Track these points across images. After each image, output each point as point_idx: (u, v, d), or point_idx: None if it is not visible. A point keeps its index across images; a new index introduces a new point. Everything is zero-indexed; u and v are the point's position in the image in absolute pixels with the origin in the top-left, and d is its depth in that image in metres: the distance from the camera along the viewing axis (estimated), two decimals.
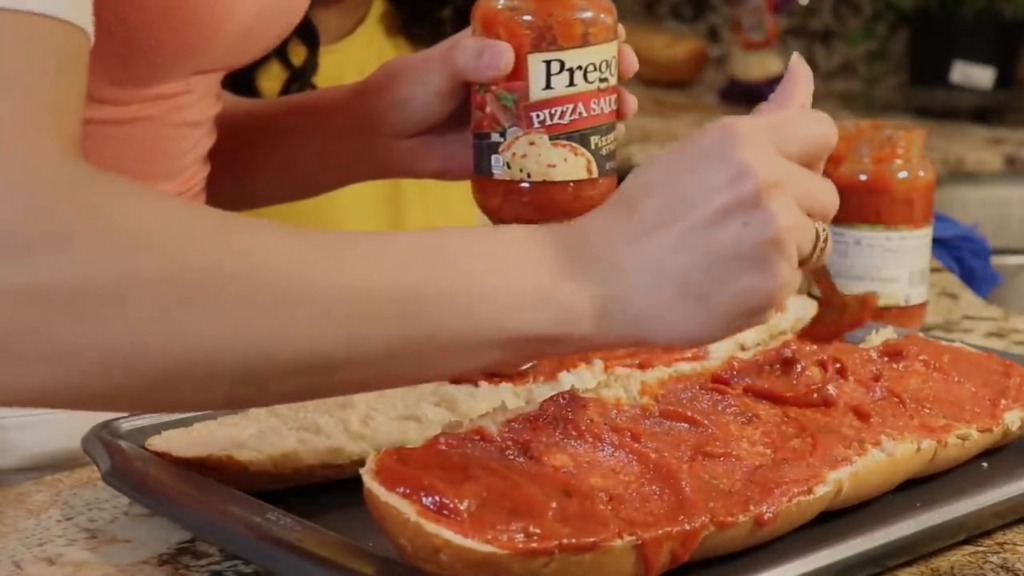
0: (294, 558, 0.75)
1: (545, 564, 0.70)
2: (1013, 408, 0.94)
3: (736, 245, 0.70)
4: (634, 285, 0.72)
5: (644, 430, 0.83)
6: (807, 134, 0.75)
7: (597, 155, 0.94)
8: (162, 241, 0.67)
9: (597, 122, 0.94)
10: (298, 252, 0.70)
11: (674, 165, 0.74)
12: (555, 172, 0.93)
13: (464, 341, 0.72)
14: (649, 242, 0.72)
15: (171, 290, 0.66)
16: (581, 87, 0.93)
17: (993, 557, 0.83)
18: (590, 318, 0.72)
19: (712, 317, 0.72)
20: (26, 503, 0.90)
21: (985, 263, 1.59)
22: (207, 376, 0.68)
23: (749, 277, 0.71)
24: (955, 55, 2.48)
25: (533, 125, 0.93)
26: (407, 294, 0.71)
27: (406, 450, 0.76)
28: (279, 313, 0.68)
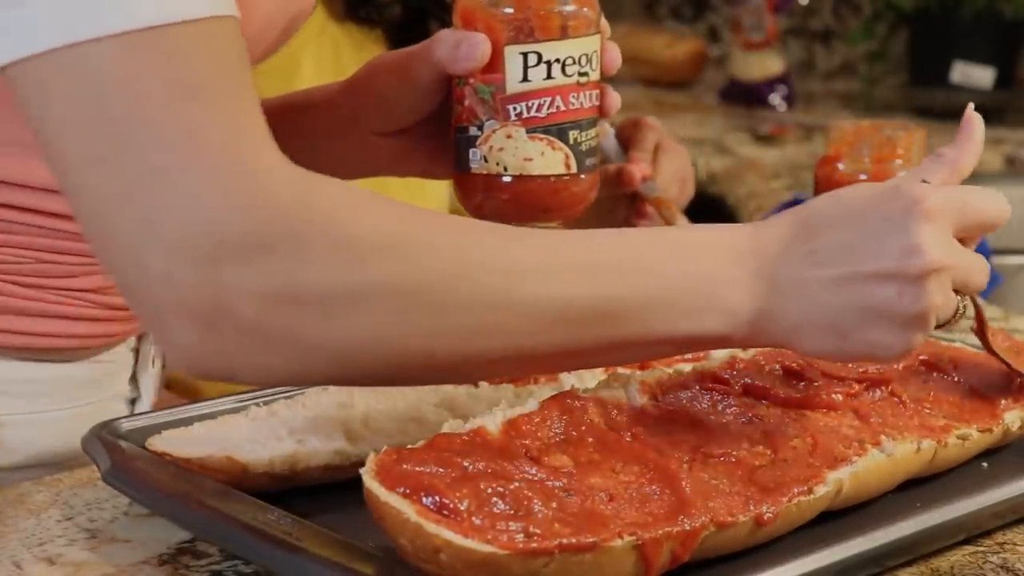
0: (294, 558, 0.75)
1: (545, 564, 0.70)
2: (1013, 408, 0.94)
3: (887, 307, 0.78)
4: (789, 306, 0.79)
5: (644, 430, 0.83)
6: (982, 215, 0.82)
7: (576, 150, 0.94)
8: (392, 247, 0.74)
9: (576, 116, 0.93)
10: (510, 258, 0.77)
11: (858, 211, 0.80)
12: (532, 166, 0.93)
13: (645, 341, 0.79)
14: (814, 273, 0.79)
15: (405, 294, 0.74)
16: (559, 80, 0.92)
17: (993, 557, 0.83)
18: (749, 326, 0.79)
19: (842, 351, 0.80)
20: (26, 503, 0.90)
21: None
22: (427, 367, 0.77)
23: (887, 335, 0.78)
24: (955, 55, 2.48)
25: (510, 118, 0.92)
26: (603, 303, 0.78)
27: (406, 450, 0.76)
28: (491, 316, 0.76)
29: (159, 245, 0.71)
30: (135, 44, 0.72)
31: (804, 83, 2.84)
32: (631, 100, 2.69)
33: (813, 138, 2.32)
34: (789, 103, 2.64)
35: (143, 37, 0.72)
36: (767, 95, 2.64)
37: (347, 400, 0.96)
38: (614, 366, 0.90)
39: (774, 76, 2.65)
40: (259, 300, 0.72)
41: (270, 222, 0.72)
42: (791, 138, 2.35)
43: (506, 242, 0.78)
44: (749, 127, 2.44)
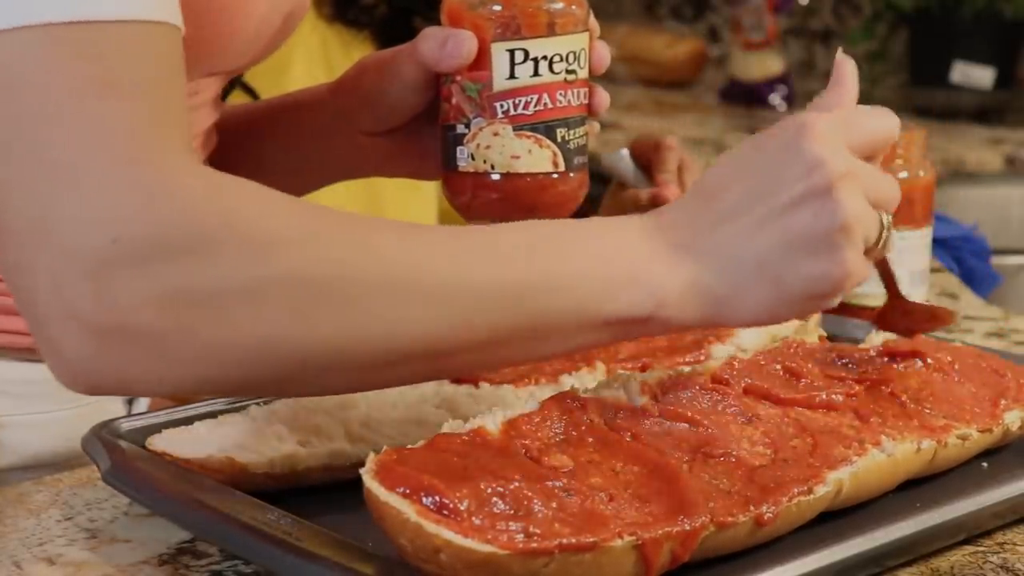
0: (294, 558, 0.75)
1: (545, 564, 0.70)
2: (1013, 408, 0.94)
3: (808, 232, 0.76)
4: (714, 269, 0.77)
5: (644, 430, 0.83)
6: (874, 129, 0.81)
7: (564, 148, 0.93)
8: (294, 243, 0.72)
9: (564, 114, 0.93)
10: (415, 248, 0.75)
11: (750, 158, 0.79)
12: (519, 164, 0.93)
13: (565, 325, 0.77)
14: (728, 228, 0.77)
15: (304, 288, 0.71)
16: (546, 78, 0.92)
17: (993, 557, 0.83)
18: (676, 300, 0.77)
19: (783, 299, 0.77)
20: (26, 503, 0.90)
21: (985, 263, 1.59)
22: (337, 365, 0.74)
23: (819, 263, 0.76)
24: (955, 55, 2.48)
25: (497, 115, 0.92)
26: (514, 284, 0.76)
27: (406, 450, 0.76)
28: (399, 306, 0.73)
29: (50, 244, 0.68)
30: (56, 37, 0.70)
31: (804, 83, 2.84)
32: (631, 100, 2.69)
33: None
34: (789, 103, 2.64)
35: (65, 31, 0.70)
36: (767, 95, 2.64)
37: (347, 401, 0.96)
38: (547, 359, 0.87)
39: (774, 76, 2.65)
40: (154, 305, 0.69)
41: (170, 224, 0.69)
42: None
43: (413, 233, 0.77)
44: (749, 127, 2.44)
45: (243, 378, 0.73)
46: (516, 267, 0.76)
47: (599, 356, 1.03)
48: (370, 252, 0.74)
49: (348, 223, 0.75)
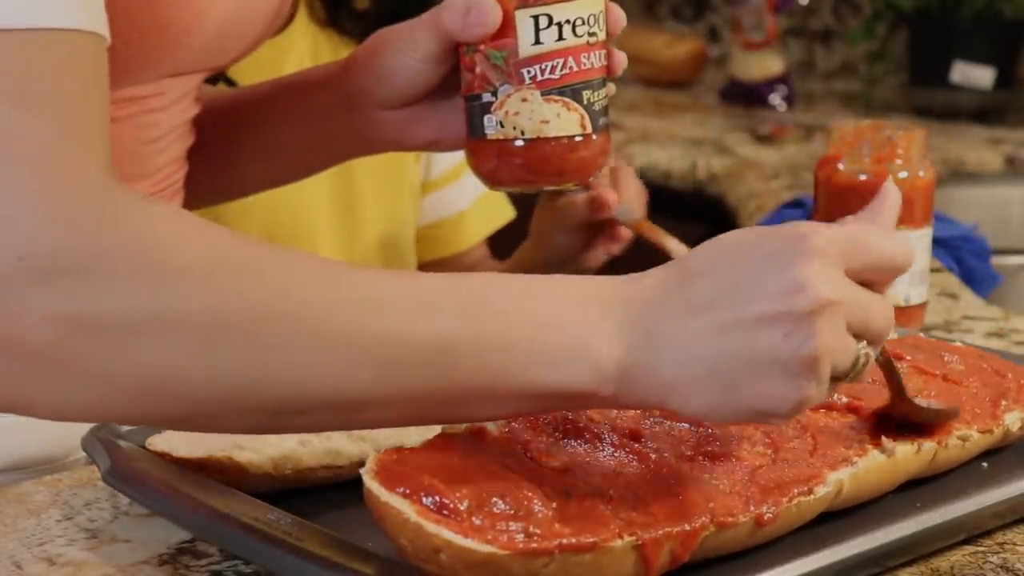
0: (294, 558, 0.75)
1: (545, 564, 0.70)
2: (1013, 409, 0.94)
3: (773, 352, 0.71)
4: (666, 358, 0.72)
5: (644, 430, 0.83)
6: (880, 254, 0.76)
7: (590, 110, 0.94)
8: (205, 276, 0.69)
9: (589, 76, 0.93)
10: (337, 293, 0.72)
11: (740, 253, 0.74)
12: (549, 128, 0.93)
13: (496, 392, 0.73)
14: (694, 322, 0.72)
15: (210, 326, 0.69)
16: (571, 41, 0.92)
17: (993, 557, 0.83)
18: (617, 381, 0.73)
19: (730, 407, 0.73)
20: (26, 503, 0.90)
21: (985, 263, 1.59)
22: (239, 408, 0.71)
23: (776, 384, 0.72)
24: (955, 55, 2.48)
25: (524, 81, 0.92)
26: (438, 343, 0.72)
27: (406, 450, 0.76)
28: (312, 353, 0.70)
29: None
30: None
31: (804, 83, 2.84)
32: (631, 100, 2.69)
33: (813, 138, 2.32)
34: (789, 103, 2.64)
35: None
36: (767, 95, 2.64)
37: None
38: (479, 421, 0.81)
39: (774, 76, 2.64)
40: (53, 324, 0.67)
41: (77, 241, 0.67)
42: (791, 138, 2.35)
43: (338, 275, 0.73)
44: (749, 127, 2.44)
45: (142, 412, 0.71)
46: (446, 325, 0.72)
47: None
48: (287, 294, 0.71)
49: (269, 259, 0.72)
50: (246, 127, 1.09)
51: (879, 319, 0.75)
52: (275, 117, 1.07)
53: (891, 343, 1.00)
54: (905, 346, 1.00)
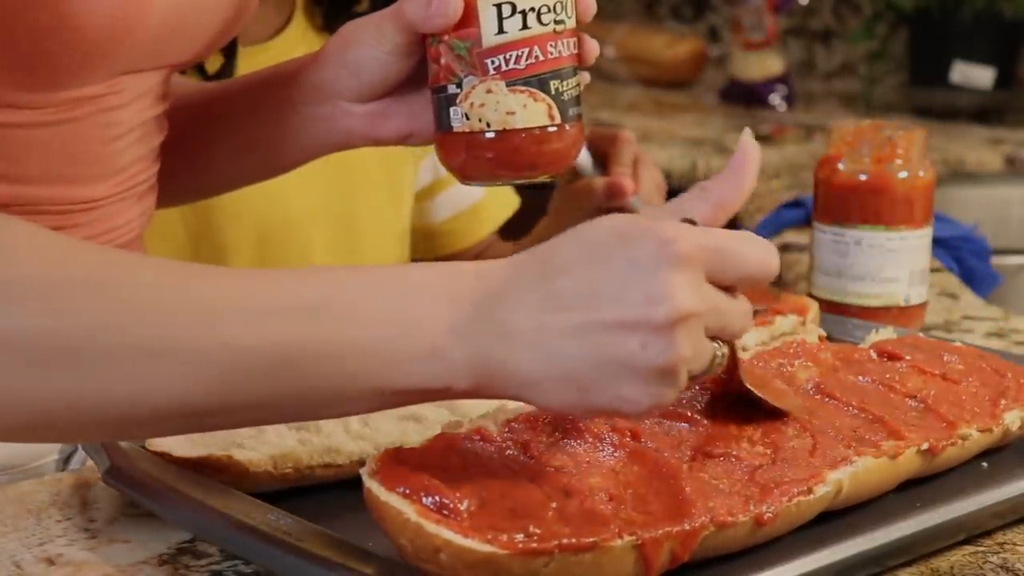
0: (294, 558, 0.75)
1: (545, 564, 0.70)
2: (1013, 408, 0.94)
3: (630, 359, 0.71)
4: (521, 356, 0.72)
5: (644, 430, 0.83)
6: (745, 264, 0.75)
7: (559, 100, 0.91)
8: (36, 294, 0.69)
9: (556, 66, 0.91)
10: (178, 303, 0.71)
11: (606, 254, 0.72)
12: (515, 119, 0.90)
13: (340, 395, 0.73)
14: (552, 319, 0.71)
15: (39, 344, 0.68)
16: (535, 30, 0.90)
17: (993, 557, 0.83)
18: (471, 377, 0.72)
19: (585, 406, 0.73)
20: (26, 503, 0.90)
21: (985, 263, 1.59)
22: (73, 424, 0.71)
23: (633, 390, 0.71)
24: (955, 55, 2.47)
25: (489, 72, 0.90)
26: (281, 351, 0.71)
27: (406, 450, 0.76)
28: (148, 366, 0.70)
29: None
30: None
31: (804, 83, 2.84)
32: (631, 100, 2.69)
33: (813, 138, 2.32)
34: (789, 103, 2.64)
35: None
36: (767, 95, 2.63)
37: None
38: (335, 418, 0.81)
39: (774, 76, 2.64)
40: None
41: None
42: (791, 138, 2.34)
43: (182, 282, 0.72)
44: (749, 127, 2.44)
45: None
46: (287, 333, 0.71)
47: None
48: (126, 306, 0.70)
49: (115, 270, 0.72)
50: (221, 121, 1.08)
51: (737, 323, 0.75)
52: (249, 111, 1.06)
53: (891, 343, 1.01)
54: (905, 346, 1.00)
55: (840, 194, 1.26)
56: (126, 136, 0.97)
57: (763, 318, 1.10)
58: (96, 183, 0.95)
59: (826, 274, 1.27)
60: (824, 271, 1.28)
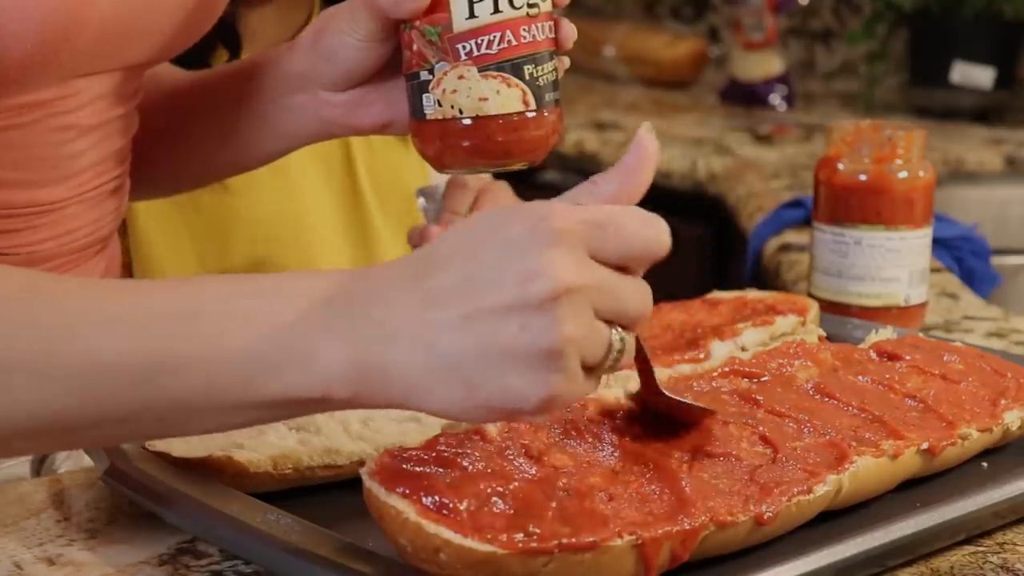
0: (294, 558, 0.75)
1: (545, 564, 0.70)
2: (1013, 408, 0.94)
3: (511, 344, 0.67)
4: (400, 356, 0.69)
5: (644, 430, 0.83)
6: (630, 239, 0.70)
7: (534, 86, 0.89)
8: None
9: (530, 50, 0.88)
10: (45, 317, 0.70)
11: (483, 240, 0.69)
12: (488, 105, 0.88)
13: (214, 405, 0.71)
14: (432, 314, 0.68)
15: None
16: (508, 14, 0.87)
17: (993, 557, 0.83)
18: (351, 382, 0.70)
19: (476, 404, 0.68)
20: (26, 503, 0.90)
21: (985, 263, 1.59)
22: None
23: (518, 379, 0.67)
24: (955, 55, 2.47)
25: (460, 57, 0.88)
26: (147, 361, 0.70)
27: (406, 450, 0.76)
28: (9, 380, 0.69)
29: None
30: None
31: (804, 83, 2.84)
32: (631, 100, 2.69)
33: (813, 138, 2.32)
34: (789, 103, 2.64)
35: None
36: (767, 95, 2.63)
37: None
38: (215, 432, 0.80)
39: (774, 76, 2.64)
40: None
41: None
42: (791, 138, 2.35)
43: (53, 296, 0.71)
44: (749, 127, 2.44)
45: None
46: (152, 344, 0.70)
47: None
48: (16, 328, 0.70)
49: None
50: (200, 113, 1.07)
51: (633, 303, 0.70)
52: (229, 101, 1.04)
53: (891, 343, 1.01)
54: (905, 346, 1.00)
55: (840, 194, 1.26)
56: (83, 138, 0.95)
57: (764, 318, 1.10)
58: (51, 186, 0.94)
59: (826, 274, 1.27)
60: (824, 271, 1.28)
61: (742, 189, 2.01)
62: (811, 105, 2.67)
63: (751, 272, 1.63)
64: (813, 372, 0.94)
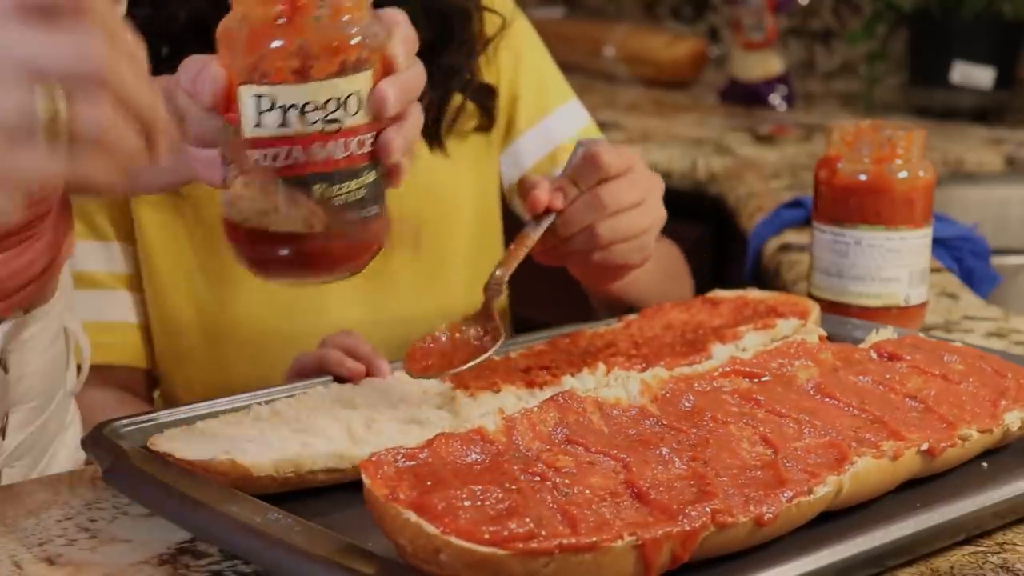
0: (294, 558, 0.75)
1: (545, 564, 0.70)
2: (1013, 408, 0.94)
3: None
4: None
5: (644, 430, 0.83)
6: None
7: (326, 206, 0.81)
8: None
9: (322, 169, 0.81)
10: None
11: None
12: (270, 221, 0.81)
13: None
14: None
15: None
16: (297, 128, 0.80)
17: (993, 557, 0.83)
18: None
19: None
20: (26, 503, 0.90)
21: (985, 263, 1.59)
22: None
23: None
24: (955, 55, 2.47)
25: (248, 164, 0.81)
26: None
27: (406, 450, 0.76)
28: None
29: None
30: None
31: (804, 83, 2.84)
32: (631, 100, 2.69)
33: (813, 138, 2.32)
34: (789, 103, 2.64)
35: None
36: (767, 95, 2.63)
37: (349, 402, 0.96)
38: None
39: (774, 76, 2.64)
40: None
41: None
42: (791, 138, 2.35)
43: None
44: (749, 127, 2.44)
45: None
46: None
47: (599, 356, 1.04)
48: None
49: None
50: None
51: (52, 56, 0.62)
52: None
53: (891, 343, 1.01)
54: (905, 346, 1.00)
55: (840, 194, 1.26)
56: None
57: (765, 321, 1.10)
58: None
59: (826, 274, 1.27)
60: (824, 271, 1.28)
61: (742, 189, 2.01)
62: (811, 105, 2.67)
63: (751, 272, 1.63)
64: (814, 372, 0.94)
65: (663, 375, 0.89)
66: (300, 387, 1.00)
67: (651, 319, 1.13)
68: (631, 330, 1.11)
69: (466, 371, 1.00)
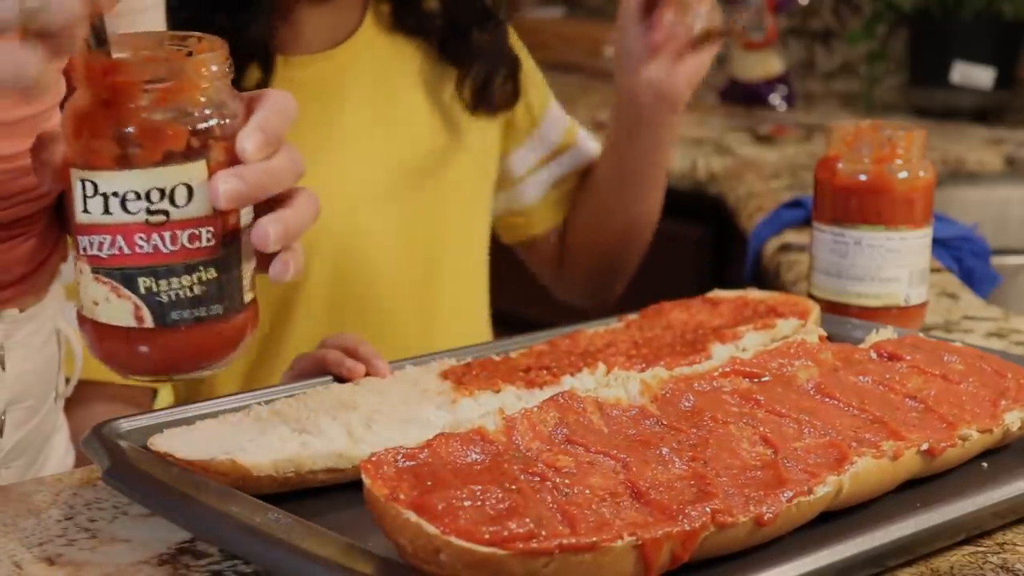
0: (294, 558, 0.75)
1: (545, 564, 0.70)
2: (1013, 408, 0.94)
3: None
4: None
5: (644, 430, 0.83)
6: None
7: (152, 301, 0.77)
8: None
9: (149, 262, 0.77)
10: None
11: None
12: (99, 312, 0.78)
13: None
14: None
15: None
16: (120, 218, 0.76)
17: (993, 557, 0.83)
18: None
19: None
20: (26, 503, 0.90)
21: (985, 263, 1.59)
22: None
23: None
24: (955, 55, 2.48)
25: (79, 251, 0.78)
26: None
27: (406, 450, 0.76)
28: None
29: None
30: None
31: (804, 83, 2.84)
32: None
33: (813, 138, 2.32)
34: (789, 103, 2.64)
35: None
36: (767, 95, 2.64)
37: (349, 402, 0.96)
38: None
39: (774, 76, 2.65)
40: None
41: None
42: (791, 138, 2.35)
43: None
44: (749, 127, 2.44)
45: None
46: None
47: (599, 356, 1.04)
48: None
49: None
50: None
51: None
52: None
53: (891, 343, 1.01)
54: (905, 346, 1.00)
55: (840, 194, 1.26)
56: None
57: (765, 321, 1.10)
58: None
59: (826, 274, 1.27)
60: (824, 271, 1.28)
61: (742, 189, 2.01)
62: (811, 105, 2.67)
63: (751, 272, 1.63)
64: (814, 372, 0.94)
65: (663, 375, 0.89)
66: (300, 387, 1.00)
67: (651, 319, 1.13)
68: (631, 330, 1.11)
69: (466, 370, 1.01)
